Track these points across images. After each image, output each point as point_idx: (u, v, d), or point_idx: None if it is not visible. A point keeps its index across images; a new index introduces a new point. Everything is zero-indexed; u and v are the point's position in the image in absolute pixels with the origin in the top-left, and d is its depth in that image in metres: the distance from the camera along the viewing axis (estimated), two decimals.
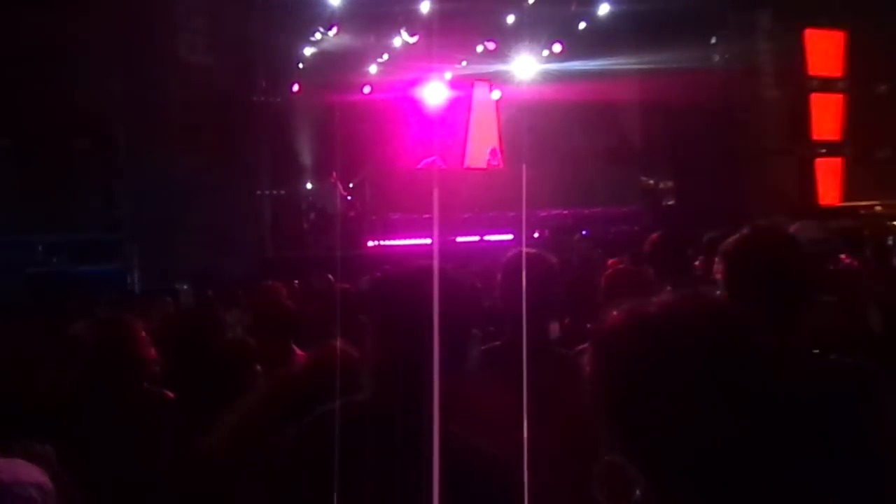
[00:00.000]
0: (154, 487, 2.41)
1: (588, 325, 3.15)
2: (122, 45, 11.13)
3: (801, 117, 13.48)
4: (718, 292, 1.94)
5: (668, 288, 3.49)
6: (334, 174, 13.72)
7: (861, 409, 1.75)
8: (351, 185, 13.91)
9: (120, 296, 8.52)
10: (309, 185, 15.25)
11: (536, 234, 12.02)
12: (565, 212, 12.96)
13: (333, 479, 1.43)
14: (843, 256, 4.15)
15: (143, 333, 2.92)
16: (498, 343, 2.49)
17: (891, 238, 6.43)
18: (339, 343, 2.15)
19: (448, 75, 15.35)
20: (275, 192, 13.83)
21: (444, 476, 1.39)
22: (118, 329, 2.88)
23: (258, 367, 2.73)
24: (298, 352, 3.31)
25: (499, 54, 15.11)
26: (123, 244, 11.40)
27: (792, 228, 3.54)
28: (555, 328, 3.34)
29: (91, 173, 11.83)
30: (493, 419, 1.78)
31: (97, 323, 3.11)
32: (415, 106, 15.50)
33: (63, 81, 10.80)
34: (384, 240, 12.30)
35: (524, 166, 13.65)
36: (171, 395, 2.84)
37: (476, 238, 12.12)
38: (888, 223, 9.80)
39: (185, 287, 8.75)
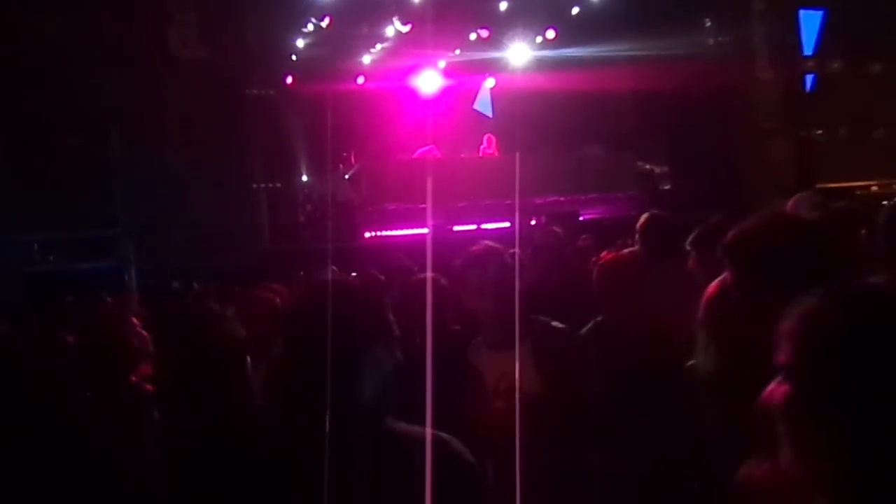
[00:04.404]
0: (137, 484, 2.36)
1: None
2: (115, 41, 11.08)
3: (796, 99, 13.45)
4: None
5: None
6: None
7: None
8: (347, 177, 13.89)
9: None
10: (305, 177, 15.23)
11: (533, 222, 12.00)
12: (562, 199, 12.92)
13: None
14: None
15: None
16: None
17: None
18: None
19: (442, 63, 15.30)
20: (270, 184, 13.80)
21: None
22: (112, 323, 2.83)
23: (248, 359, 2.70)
24: None
25: (492, 42, 15.06)
26: (120, 241, 11.38)
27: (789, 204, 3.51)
28: None
29: (85, 170, 11.80)
30: None
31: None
32: (409, 95, 15.46)
33: (56, 78, 10.76)
34: (381, 231, 12.28)
35: (517, 154, 13.62)
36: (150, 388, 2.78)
37: (473, 227, 12.09)
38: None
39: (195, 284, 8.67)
